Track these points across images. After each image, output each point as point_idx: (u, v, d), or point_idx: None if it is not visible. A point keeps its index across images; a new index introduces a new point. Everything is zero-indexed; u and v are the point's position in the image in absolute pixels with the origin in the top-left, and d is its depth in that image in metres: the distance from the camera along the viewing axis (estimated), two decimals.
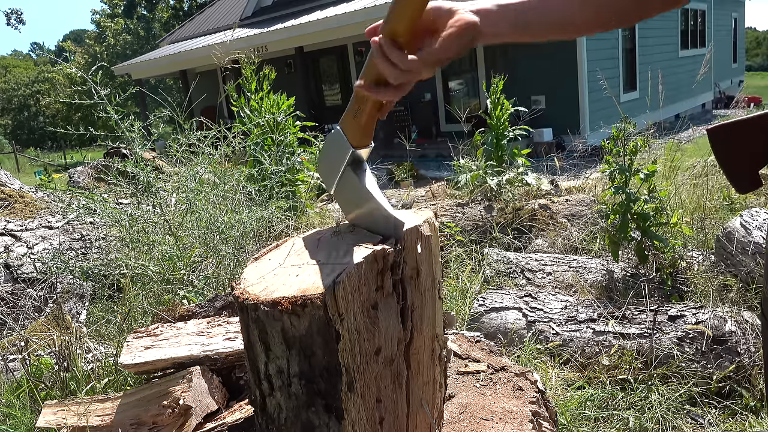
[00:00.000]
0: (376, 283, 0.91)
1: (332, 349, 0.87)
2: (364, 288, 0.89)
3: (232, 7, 16.18)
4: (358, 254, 0.91)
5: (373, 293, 0.91)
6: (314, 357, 0.88)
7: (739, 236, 2.98)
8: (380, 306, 0.92)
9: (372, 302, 0.91)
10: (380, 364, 0.93)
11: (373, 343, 0.91)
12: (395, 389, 0.98)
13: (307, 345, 0.87)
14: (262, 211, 3.44)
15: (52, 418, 1.92)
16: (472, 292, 3.00)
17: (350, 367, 0.88)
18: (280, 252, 1.04)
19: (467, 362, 1.82)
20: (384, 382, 0.96)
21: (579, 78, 9.98)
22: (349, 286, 0.87)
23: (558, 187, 5.35)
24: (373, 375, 0.93)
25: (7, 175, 5.98)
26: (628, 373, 2.28)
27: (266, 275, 0.96)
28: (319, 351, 0.87)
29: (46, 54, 46.02)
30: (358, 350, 0.89)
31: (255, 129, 4.62)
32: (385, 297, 0.93)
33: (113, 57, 29.64)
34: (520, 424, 1.49)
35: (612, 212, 3.16)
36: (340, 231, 1.03)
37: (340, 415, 0.89)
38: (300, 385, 0.89)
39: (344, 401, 0.88)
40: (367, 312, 0.90)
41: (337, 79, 14.21)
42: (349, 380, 0.89)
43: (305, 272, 0.93)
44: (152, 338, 1.98)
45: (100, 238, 3.75)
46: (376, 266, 0.90)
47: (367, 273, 0.89)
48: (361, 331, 0.89)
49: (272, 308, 0.85)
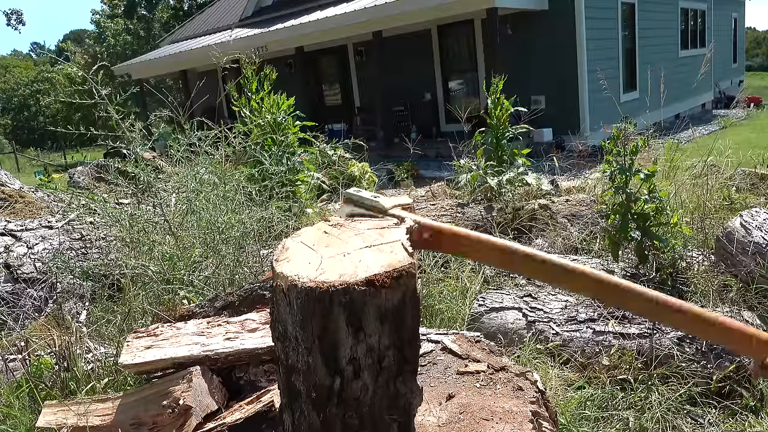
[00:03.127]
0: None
1: (417, 314, 0.95)
2: (415, 255, 1.01)
3: (232, 7, 16.17)
4: (396, 232, 1.04)
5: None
6: (403, 326, 0.93)
7: (739, 236, 2.98)
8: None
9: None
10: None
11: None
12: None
13: (398, 316, 0.92)
14: (262, 211, 3.43)
15: (52, 418, 1.92)
16: (472, 292, 3.00)
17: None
18: (301, 250, 1.02)
19: (467, 362, 1.82)
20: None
21: (579, 78, 9.98)
22: (415, 255, 0.99)
23: (558, 187, 5.34)
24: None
25: (7, 175, 5.98)
26: (628, 373, 2.28)
27: (323, 265, 0.95)
28: (408, 319, 0.94)
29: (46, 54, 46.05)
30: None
31: (255, 129, 4.62)
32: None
33: (113, 57, 29.59)
34: (520, 424, 1.49)
35: (612, 212, 3.15)
36: (341, 222, 1.12)
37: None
38: (392, 356, 0.93)
39: None
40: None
41: (337, 79, 14.20)
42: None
43: (367, 255, 0.97)
44: (152, 338, 1.98)
45: (100, 238, 3.75)
46: (410, 235, 1.06)
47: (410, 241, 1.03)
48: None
49: (368, 286, 0.88)
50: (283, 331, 0.97)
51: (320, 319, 0.89)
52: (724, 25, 17.42)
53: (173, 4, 33.93)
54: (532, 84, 10.01)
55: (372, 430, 0.97)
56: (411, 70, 11.99)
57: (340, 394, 0.94)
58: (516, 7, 9.74)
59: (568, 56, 9.90)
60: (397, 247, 1.00)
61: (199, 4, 29.03)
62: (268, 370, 1.90)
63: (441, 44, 11.97)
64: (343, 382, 0.93)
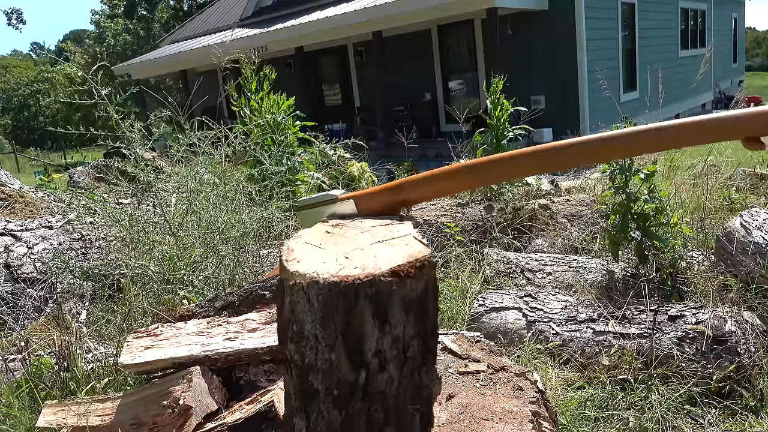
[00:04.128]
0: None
1: (436, 303, 0.97)
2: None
3: (232, 7, 16.17)
4: (403, 227, 1.07)
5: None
6: (426, 316, 0.95)
7: (739, 236, 2.98)
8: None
9: None
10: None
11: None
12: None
13: (422, 306, 0.93)
14: (262, 211, 3.43)
15: (52, 418, 1.92)
16: (472, 292, 3.00)
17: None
18: (309, 249, 1.02)
19: (467, 362, 1.82)
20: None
21: (579, 78, 9.98)
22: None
23: (558, 187, 5.34)
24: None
25: (7, 175, 5.98)
26: (628, 373, 2.28)
27: (340, 261, 0.95)
28: (430, 309, 0.95)
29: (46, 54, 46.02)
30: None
31: (255, 129, 4.62)
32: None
33: (113, 57, 29.58)
34: (520, 424, 1.49)
35: (612, 212, 3.15)
36: (342, 222, 1.15)
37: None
38: (416, 346, 0.94)
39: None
40: None
41: (337, 79, 14.20)
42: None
43: (382, 249, 0.98)
44: (152, 338, 1.98)
45: (100, 238, 3.75)
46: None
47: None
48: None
49: (393, 277, 0.89)
50: (298, 331, 0.95)
51: (344, 314, 0.89)
52: (724, 25, 17.42)
53: (173, 4, 33.93)
54: (532, 84, 10.02)
55: (396, 423, 0.97)
56: (411, 70, 11.99)
57: (365, 389, 0.94)
58: (516, 7, 9.74)
59: (568, 56, 9.90)
60: (410, 239, 1.01)
61: (199, 4, 29.02)
62: (268, 370, 1.90)
63: (441, 44, 11.97)
64: (369, 375, 0.93)
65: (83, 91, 22.75)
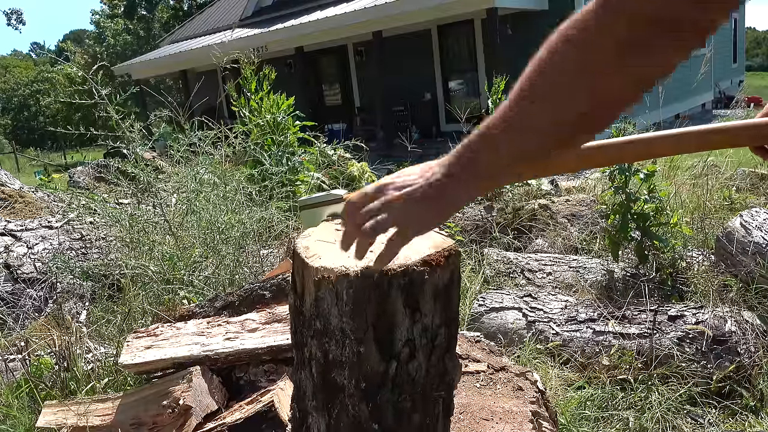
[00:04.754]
0: None
1: (459, 291, 1.00)
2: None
3: (232, 7, 16.18)
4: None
5: None
6: (451, 304, 0.97)
7: (739, 236, 2.98)
8: None
9: None
10: None
11: None
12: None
13: (448, 294, 0.96)
14: (262, 211, 3.43)
15: (52, 418, 1.92)
16: (472, 292, 3.00)
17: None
18: (326, 246, 1.02)
19: (467, 362, 1.82)
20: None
21: None
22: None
23: (558, 187, 5.34)
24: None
25: (7, 175, 5.98)
26: (628, 373, 2.28)
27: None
28: (454, 296, 0.98)
29: (46, 54, 46.04)
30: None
31: (255, 129, 4.62)
32: None
33: (113, 57, 29.58)
34: (520, 424, 1.49)
35: (612, 212, 3.15)
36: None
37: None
38: (443, 333, 0.97)
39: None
40: None
41: (337, 79, 14.20)
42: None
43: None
44: (152, 338, 1.98)
45: (100, 238, 3.75)
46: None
47: None
48: None
49: (424, 266, 0.91)
50: (323, 327, 0.95)
51: (376, 305, 0.90)
52: (724, 24, 17.39)
53: (173, 4, 33.94)
54: None
55: (422, 410, 0.99)
56: (411, 70, 11.99)
57: (394, 379, 0.95)
58: (516, 7, 9.74)
59: None
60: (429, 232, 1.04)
61: (199, 4, 29.03)
62: (268, 370, 1.90)
63: (441, 44, 11.97)
64: (399, 365, 0.94)
65: (83, 91, 22.75)
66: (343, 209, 0.84)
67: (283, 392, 1.70)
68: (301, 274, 0.98)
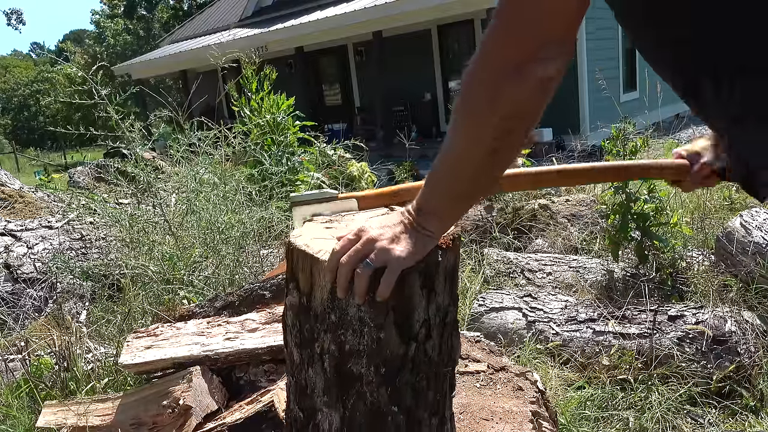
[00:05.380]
0: None
1: (458, 274, 1.05)
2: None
3: (232, 7, 16.17)
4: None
5: None
6: (456, 282, 1.04)
7: (739, 236, 2.98)
8: None
9: None
10: None
11: None
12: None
13: (453, 276, 1.02)
14: (262, 211, 3.43)
15: (52, 418, 1.92)
16: (472, 292, 3.00)
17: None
18: (326, 243, 1.03)
19: (467, 362, 1.82)
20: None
21: (579, 78, 9.97)
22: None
23: (558, 187, 5.34)
24: None
25: (7, 175, 5.98)
26: (628, 373, 2.28)
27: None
28: (457, 278, 1.05)
29: (46, 54, 46.05)
30: None
31: (255, 129, 4.62)
32: None
33: (113, 57, 29.57)
34: (520, 424, 1.49)
35: (612, 212, 3.16)
36: (335, 218, 1.17)
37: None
38: (452, 311, 1.03)
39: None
40: None
41: (337, 79, 14.20)
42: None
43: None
44: (152, 338, 1.98)
45: (100, 238, 3.75)
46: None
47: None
48: None
49: (439, 249, 0.96)
50: (338, 319, 0.97)
51: (395, 290, 0.93)
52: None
53: (173, 4, 33.94)
54: None
55: (435, 388, 1.04)
56: (411, 70, 11.98)
57: (414, 360, 0.99)
58: None
59: None
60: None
61: (199, 4, 29.03)
62: (268, 370, 1.90)
63: (441, 44, 11.97)
64: (417, 346, 0.99)
65: (83, 91, 22.74)
66: (329, 258, 0.92)
67: (283, 392, 1.70)
68: (308, 271, 0.99)
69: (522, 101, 0.78)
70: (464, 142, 0.87)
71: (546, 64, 0.75)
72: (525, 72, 0.75)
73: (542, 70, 0.75)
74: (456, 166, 0.89)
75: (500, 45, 0.78)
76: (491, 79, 0.78)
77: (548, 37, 0.76)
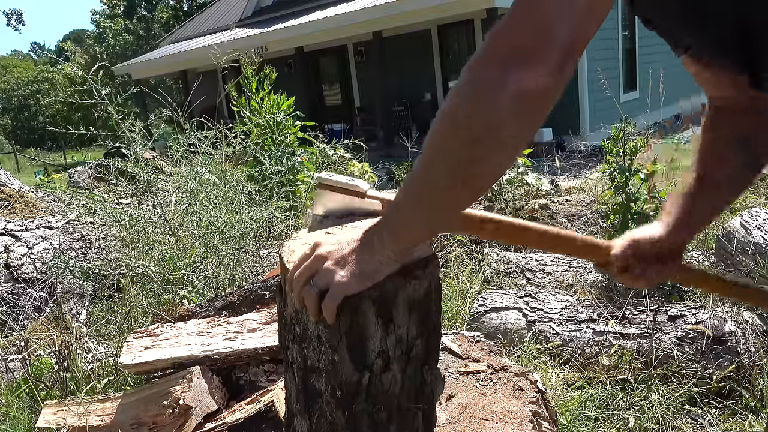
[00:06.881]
0: None
1: (440, 303, 0.96)
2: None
3: (232, 7, 16.17)
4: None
5: None
6: (428, 316, 0.94)
7: (739, 236, 2.98)
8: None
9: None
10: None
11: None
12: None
13: (424, 306, 0.92)
14: (262, 211, 3.43)
15: (52, 418, 1.92)
16: (472, 292, 3.00)
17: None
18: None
19: (467, 362, 1.82)
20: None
21: (579, 78, 9.97)
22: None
23: (558, 187, 5.35)
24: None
25: (7, 175, 5.98)
26: (628, 373, 2.28)
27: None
28: (433, 308, 0.94)
29: (46, 54, 46.04)
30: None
31: (255, 129, 4.62)
32: None
33: (113, 57, 29.57)
34: (520, 424, 1.49)
35: (612, 212, 3.16)
36: (340, 221, 1.09)
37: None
38: (419, 345, 0.94)
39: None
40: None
41: (337, 79, 14.20)
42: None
43: None
44: (152, 338, 1.98)
45: (100, 238, 3.75)
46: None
47: None
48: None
49: (398, 278, 0.88)
50: (301, 332, 0.94)
51: (347, 315, 0.88)
52: None
53: (173, 4, 33.94)
54: None
55: (399, 422, 0.97)
56: (411, 70, 11.99)
57: (368, 389, 0.93)
58: None
59: None
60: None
61: (199, 4, 29.03)
62: (268, 370, 1.90)
63: (441, 44, 11.96)
64: (372, 376, 0.92)
65: (83, 91, 22.74)
66: (290, 270, 0.87)
67: (283, 392, 1.70)
68: (283, 278, 0.97)
69: (495, 117, 0.71)
70: (430, 153, 0.81)
71: (528, 74, 0.69)
72: (506, 79, 0.69)
73: (525, 80, 0.69)
74: (419, 180, 0.82)
75: (498, 43, 0.72)
76: (467, 92, 0.73)
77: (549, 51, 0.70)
